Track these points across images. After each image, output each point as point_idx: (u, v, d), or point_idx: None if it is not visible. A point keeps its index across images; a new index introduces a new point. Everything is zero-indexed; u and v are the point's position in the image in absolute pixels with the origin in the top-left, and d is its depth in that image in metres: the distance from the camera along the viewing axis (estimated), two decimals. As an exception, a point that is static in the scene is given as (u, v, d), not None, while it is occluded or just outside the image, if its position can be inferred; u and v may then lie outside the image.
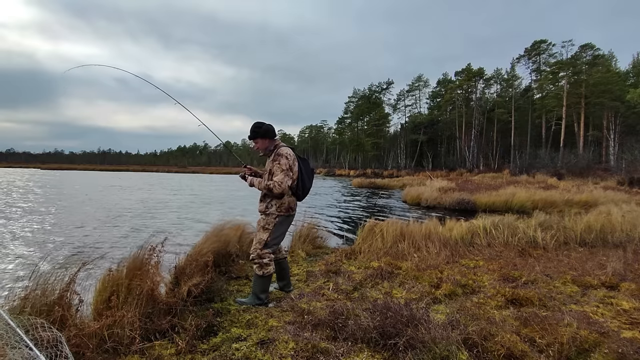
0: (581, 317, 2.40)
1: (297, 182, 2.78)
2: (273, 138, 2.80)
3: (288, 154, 2.70)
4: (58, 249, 5.46)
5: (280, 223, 2.78)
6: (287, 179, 2.63)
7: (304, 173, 2.83)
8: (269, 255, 2.77)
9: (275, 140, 2.81)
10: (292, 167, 2.71)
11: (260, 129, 2.74)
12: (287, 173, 2.64)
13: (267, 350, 2.02)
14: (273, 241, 2.78)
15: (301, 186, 2.80)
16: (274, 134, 2.79)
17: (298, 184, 2.79)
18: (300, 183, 2.79)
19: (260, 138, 2.75)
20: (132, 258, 2.49)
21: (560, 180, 20.43)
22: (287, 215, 2.81)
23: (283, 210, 2.75)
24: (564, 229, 5.22)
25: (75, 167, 76.49)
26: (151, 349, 2.02)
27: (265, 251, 2.75)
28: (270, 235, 2.76)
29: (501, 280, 3.39)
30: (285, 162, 2.65)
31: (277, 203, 2.73)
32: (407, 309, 2.27)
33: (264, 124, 2.78)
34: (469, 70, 48.51)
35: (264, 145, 2.78)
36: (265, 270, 2.74)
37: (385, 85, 61.68)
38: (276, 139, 2.83)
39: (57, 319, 1.94)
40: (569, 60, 38.05)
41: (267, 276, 2.76)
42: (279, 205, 2.73)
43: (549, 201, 11.11)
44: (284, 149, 2.73)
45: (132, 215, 9.67)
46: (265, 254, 2.75)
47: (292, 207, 2.83)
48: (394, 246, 4.62)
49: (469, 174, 33.54)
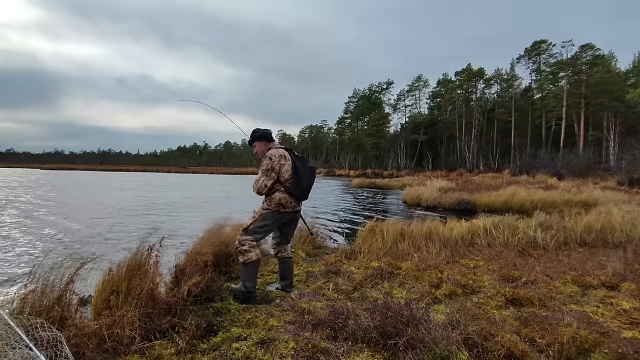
0: (581, 317, 2.40)
1: (291, 181, 2.80)
2: (269, 141, 2.95)
3: (273, 155, 2.79)
4: (57, 249, 5.46)
5: (267, 215, 2.82)
6: (263, 179, 2.75)
7: (300, 171, 2.84)
8: (250, 242, 2.76)
9: (270, 143, 2.94)
10: (275, 167, 2.77)
11: (256, 134, 2.94)
12: (265, 173, 2.76)
13: (267, 350, 2.02)
14: (255, 229, 2.79)
15: (295, 184, 2.81)
16: (269, 138, 2.95)
17: (292, 183, 2.80)
18: (295, 181, 2.80)
19: (257, 142, 2.94)
20: (132, 258, 2.49)
21: (560, 180, 20.43)
22: (277, 211, 2.82)
23: (272, 205, 2.81)
24: (564, 229, 5.21)
25: (76, 167, 76.52)
26: (151, 349, 2.01)
27: (245, 237, 2.77)
28: (252, 223, 2.80)
29: (501, 280, 3.39)
30: (267, 162, 2.77)
31: (268, 198, 2.84)
32: (407, 309, 2.27)
33: (260, 129, 2.97)
34: (469, 71, 48.56)
35: (260, 148, 2.94)
36: (245, 258, 2.74)
37: (385, 85, 61.84)
38: (273, 142, 2.96)
39: (56, 319, 1.94)
40: (569, 61, 38.11)
41: (249, 264, 2.75)
42: (269, 200, 2.83)
43: (549, 201, 11.12)
44: (272, 151, 2.84)
45: (133, 215, 9.67)
46: (245, 240, 2.76)
47: (283, 204, 2.82)
48: (394, 246, 4.62)
49: (469, 174, 33.51)
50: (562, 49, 39.68)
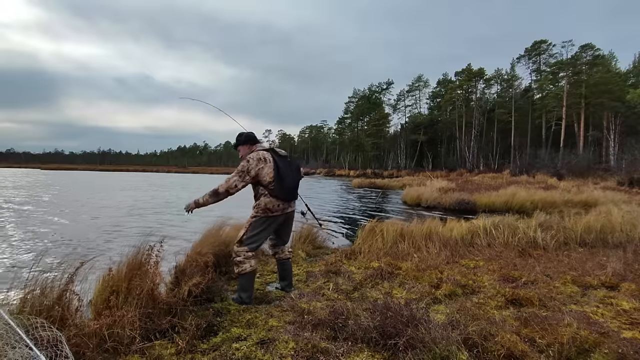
0: (581, 317, 2.40)
1: (274, 183, 2.75)
2: (253, 144, 2.94)
3: (251, 158, 2.76)
4: (57, 248, 5.46)
5: (256, 223, 2.79)
6: (235, 179, 2.71)
7: (283, 172, 2.78)
8: (245, 253, 2.75)
9: (254, 146, 2.92)
10: (251, 171, 2.72)
11: (240, 138, 2.97)
12: (239, 174, 2.72)
13: (267, 350, 2.02)
14: (248, 240, 2.77)
15: (278, 186, 2.75)
16: (252, 141, 2.95)
17: (275, 185, 2.75)
18: (278, 183, 2.75)
19: (241, 145, 2.94)
20: (132, 257, 2.49)
21: (560, 180, 20.42)
22: (266, 217, 2.79)
23: (260, 212, 2.79)
24: (564, 229, 5.21)
25: (76, 167, 76.53)
26: (151, 349, 2.01)
27: (239, 249, 2.76)
28: (245, 233, 2.79)
29: (501, 280, 3.39)
30: (243, 164, 2.75)
31: (255, 204, 2.82)
32: (407, 309, 2.27)
33: (243, 133, 2.99)
34: (469, 71, 48.54)
35: (244, 152, 2.94)
36: (240, 269, 2.73)
37: (385, 86, 61.79)
38: (257, 144, 2.93)
39: (56, 319, 1.94)
40: (569, 61, 38.11)
41: (245, 275, 2.74)
42: (256, 206, 2.81)
43: (549, 201, 11.11)
44: (252, 154, 2.80)
45: (132, 215, 9.67)
46: (239, 251, 2.75)
47: (270, 209, 2.78)
48: (394, 246, 4.62)
49: (469, 174, 33.50)
50: (562, 49, 39.72)
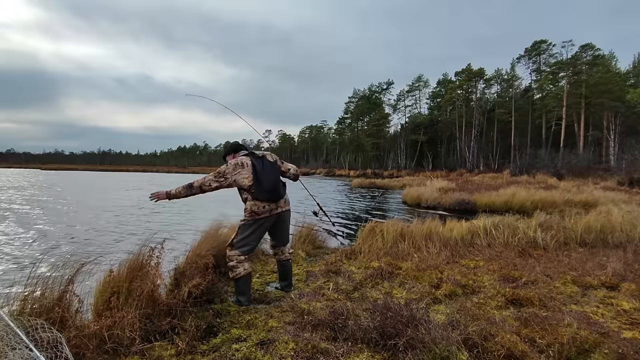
0: (581, 317, 2.40)
1: (253, 185, 2.76)
2: (237, 152, 3.02)
3: (230, 163, 2.84)
4: (57, 249, 5.46)
5: (244, 227, 2.81)
6: (210, 178, 2.77)
7: (260, 174, 2.78)
8: (237, 257, 2.76)
9: (238, 154, 3.00)
10: (227, 175, 2.77)
11: (226, 148, 3.09)
12: (216, 174, 2.79)
13: (267, 351, 2.02)
14: (239, 243, 2.79)
15: (257, 188, 2.76)
16: (237, 149, 3.04)
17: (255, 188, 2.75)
18: (256, 185, 2.75)
19: (228, 156, 3.04)
20: (133, 259, 2.49)
21: (560, 180, 20.41)
22: (253, 220, 2.80)
23: (247, 215, 2.82)
24: (564, 229, 5.21)
25: (76, 167, 76.53)
26: (151, 350, 2.01)
27: (231, 253, 2.77)
28: (235, 237, 2.82)
29: (501, 280, 3.39)
30: (221, 168, 2.82)
31: (244, 208, 2.86)
32: (407, 309, 2.27)
33: (229, 142, 3.15)
34: (469, 71, 48.52)
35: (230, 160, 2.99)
36: (234, 273, 2.74)
37: (385, 86, 61.76)
38: (240, 151, 3.00)
39: (57, 320, 1.94)
40: (569, 61, 38.09)
41: (240, 279, 2.75)
42: (245, 210, 2.86)
43: (549, 201, 11.10)
44: (232, 160, 2.88)
45: (133, 215, 9.67)
46: (232, 255, 2.76)
47: (255, 212, 2.78)
48: (394, 246, 4.62)
49: (469, 174, 33.47)
50: (562, 49, 39.69)
